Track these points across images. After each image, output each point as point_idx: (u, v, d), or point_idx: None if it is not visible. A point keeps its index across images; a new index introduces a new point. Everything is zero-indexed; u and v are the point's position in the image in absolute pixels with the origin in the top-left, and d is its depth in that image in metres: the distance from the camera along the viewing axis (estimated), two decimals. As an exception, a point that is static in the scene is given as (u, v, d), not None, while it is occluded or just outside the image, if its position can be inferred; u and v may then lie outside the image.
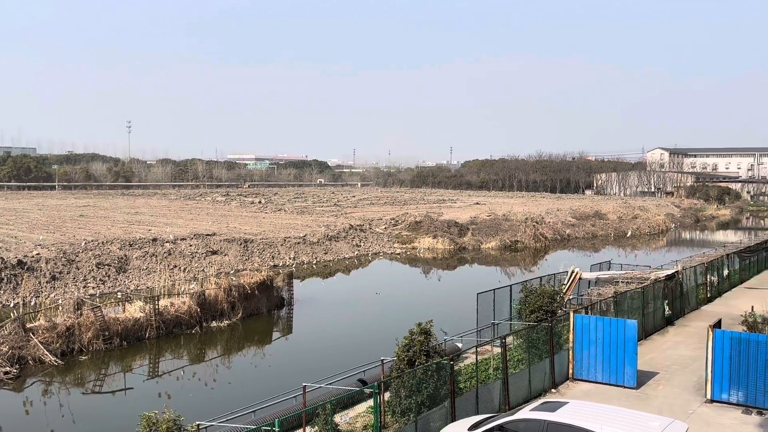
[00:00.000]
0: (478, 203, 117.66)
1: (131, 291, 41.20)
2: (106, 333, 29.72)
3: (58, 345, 28.15)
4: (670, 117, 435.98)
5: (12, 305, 36.43)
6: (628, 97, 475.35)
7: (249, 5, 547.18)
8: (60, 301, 33.60)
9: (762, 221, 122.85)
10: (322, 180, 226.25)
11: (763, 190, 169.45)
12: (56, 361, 27.36)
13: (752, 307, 29.63)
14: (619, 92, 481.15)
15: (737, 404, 20.41)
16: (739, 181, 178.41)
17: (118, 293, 40.29)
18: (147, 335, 31.35)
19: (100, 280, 43.25)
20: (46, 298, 36.73)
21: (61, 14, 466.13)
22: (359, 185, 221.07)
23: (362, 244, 66.29)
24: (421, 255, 64.71)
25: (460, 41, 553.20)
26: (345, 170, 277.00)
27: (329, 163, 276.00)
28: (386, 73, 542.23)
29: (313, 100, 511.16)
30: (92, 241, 51.43)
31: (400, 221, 78.08)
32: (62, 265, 43.27)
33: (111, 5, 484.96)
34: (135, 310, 31.94)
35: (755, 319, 26.06)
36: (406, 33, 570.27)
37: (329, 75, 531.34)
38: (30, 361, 27.06)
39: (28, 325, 28.18)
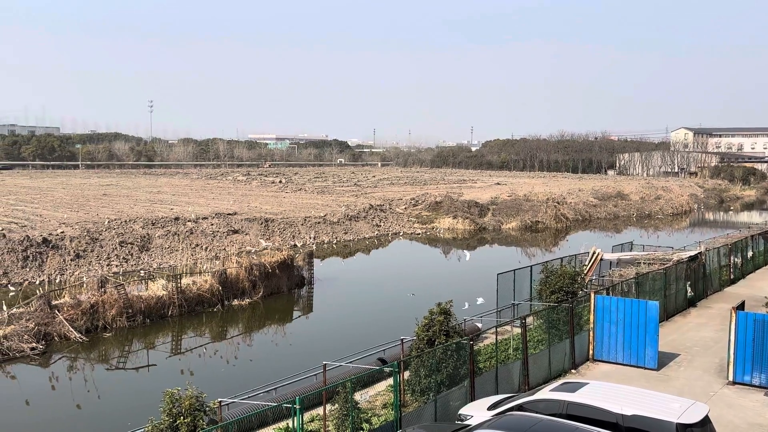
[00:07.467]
0: (498, 183, 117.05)
1: (154, 269, 41.63)
2: (130, 310, 30.11)
3: (82, 322, 28.60)
4: (695, 96, 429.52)
5: (38, 282, 37.01)
6: (652, 76, 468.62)
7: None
8: (84, 279, 34.01)
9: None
10: (343, 160, 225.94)
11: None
12: (81, 338, 27.81)
13: (776, 289, 29.35)
14: (643, 72, 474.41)
15: (759, 386, 20.25)
16: (765, 162, 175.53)
17: (141, 271, 40.79)
18: (169, 313, 31.72)
19: (123, 258, 43.74)
20: (70, 276, 37.22)
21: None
22: (379, 165, 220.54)
23: (382, 224, 66.33)
24: (441, 235, 64.64)
25: (484, 24, 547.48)
26: (365, 150, 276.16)
27: (349, 143, 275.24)
28: (407, 53, 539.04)
29: (334, 79, 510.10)
30: (115, 219, 51.99)
31: (420, 201, 77.95)
32: (86, 243, 43.80)
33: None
34: (158, 288, 32.30)
35: (779, 301, 25.79)
36: (431, 15, 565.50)
37: (350, 55, 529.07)
38: (55, 338, 27.52)
39: (54, 302, 28.63)
